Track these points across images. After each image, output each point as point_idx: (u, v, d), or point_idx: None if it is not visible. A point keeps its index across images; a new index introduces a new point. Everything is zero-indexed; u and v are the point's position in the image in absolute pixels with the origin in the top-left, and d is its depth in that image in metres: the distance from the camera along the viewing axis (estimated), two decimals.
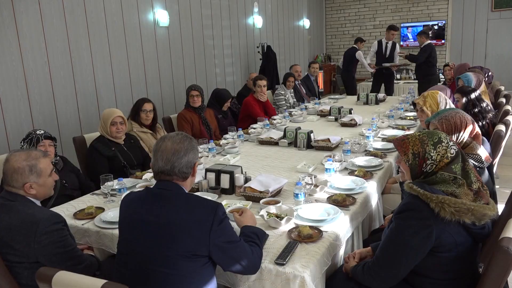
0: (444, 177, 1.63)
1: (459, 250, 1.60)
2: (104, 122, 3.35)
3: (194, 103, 4.42)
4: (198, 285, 1.59)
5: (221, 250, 1.60)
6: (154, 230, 1.58)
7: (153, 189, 1.71)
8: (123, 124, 3.39)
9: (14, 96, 4.02)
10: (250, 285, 1.79)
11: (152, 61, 5.63)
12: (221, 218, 1.62)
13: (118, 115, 3.36)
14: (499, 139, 3.00)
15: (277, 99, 6.17)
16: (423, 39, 7.21)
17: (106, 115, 3.37)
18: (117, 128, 3.34)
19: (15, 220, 1.77)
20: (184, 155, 1.68)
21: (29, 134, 2.83)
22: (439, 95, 3.06)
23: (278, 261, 1.75)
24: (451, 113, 2.30)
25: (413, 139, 1.72)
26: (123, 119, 3.40)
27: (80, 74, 4.65)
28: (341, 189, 2.52)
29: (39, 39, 4.20)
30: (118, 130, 3.35)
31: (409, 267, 1.65)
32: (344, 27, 12.05)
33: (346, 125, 4.42)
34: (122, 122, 3.37)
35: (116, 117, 3.34)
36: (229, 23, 7.28)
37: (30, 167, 1.86)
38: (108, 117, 3.34)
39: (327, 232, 1.99)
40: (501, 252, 1.43)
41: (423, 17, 11.00)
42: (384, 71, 7.77)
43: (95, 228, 2.20)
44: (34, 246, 1.74)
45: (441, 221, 1.55)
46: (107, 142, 3.34)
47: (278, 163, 3.18)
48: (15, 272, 1.77)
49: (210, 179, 2.64)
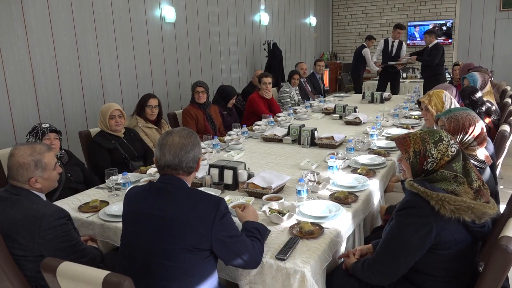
0: (445, 175, 1.65)
1: (458, 248, 1.61)
2: (103, 117, 3.42)
3: (199, 99, 4.44)
4: (199, 277, 1.61)
5: (223, 244, 1.63)
6: (157, 223, 1.61)
7: (157, 183, 1.73)
8: (122, 117, 3.46)
9: (22, 90, 4.06)
10: (251, 279, 1.81)
11: (158, 57, 5.66)
12: (223, 213, 1.64)
13: (116, 108, 3.43)
14: (503, 139, 2.99)
15: (282, 97, 6.18)
16: (432, 38, 7.07)
17: (105, 110, 3.44)
18: (116, 121, 3.41)
19: (20, 214, 1.79)
20: (191, 150, 1.70)
21: (34, 128, 2.86)
22: (444, 94, 3.06)
23: (279, 256, 1.77)
24: (462, 114, 2.30)
25: (414, 137, 1.74)
26: (121, 112, 3.46)
27: (87, 69, 4.68)
28: (343, 186, 2.53)
29: (47, 33, 4.24)
30: (117, 123, 3.41)
31: (409, 264, 1.66)
32: (351, 25, 12.01)
33: (351, 123, 4.43)
34: (120, 115, 3.44)
35: (114, 110, 3.41)
36: (236, 20, 7.29)
37: (36, 162, 1.87)
38: (106, 111, 3.41)
39: (328, 229, 2.01)
40: (500, 250, 1.44)
41: (431, 16, 10.95)
42: (390, 69, 7.73)
43: (100, 221, 2.23)
44: (38, 241, 1.76)
45: (441, 219, 1.56)
46: (107, 135, 3.41)
47: (281, 160, 3.20)
48: (20, 265, 1.79)
49: (213, 175, 2.66)
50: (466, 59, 10.34)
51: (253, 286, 1.82)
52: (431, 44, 7.09)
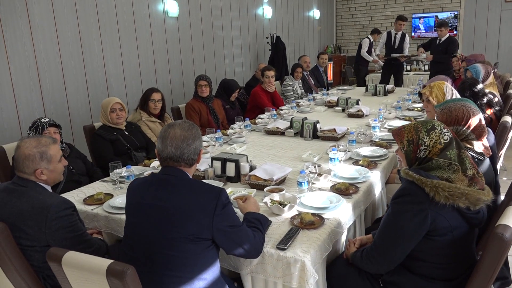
0: (440, 163, 1.68)
1: (454, 234, 1.64)
2: (104, 111, 3.48)
3: (202, 93, 4.47)
4: (201, 266, 1.65)
5: (224, 233, 1.66)
6: (159, 214, 1.64)
7: (159, 175, 1.76)
8: (123, 110, 3.51)
9: (27, 86, 4.11)
10: (252, 269, 1.85)
11: (161, 52, 5.68)
12: (224, 203, 1.67)
13: (117, 102, 3.49)
14: (504, 130, 2.99)
15: (285, 90, 6.19)
16: (446, 31, 6.70)
17: (106, 103, 3.50)
18: (117, 115, 3.47)
19: (27, 205, 1.84)
20: (193, 142, 1.74)
21: (34, 123, 2.91)
22: (446, 86, 3.06)
23: (280, 246, 1.80)
24: (456, 105, 2.27)
25: (408, 128, 1.78)
26: (122, 105, 3.52)
27: (91, 64, 4.72)
28: (344, 178, 2.56)
29: (51, 29, 4.27)
30: (118, 116, 3.47)
31: (406, 251, 1.69)
32: (355, 18, 11.95)
33: (353, 116, 4.44)
34: (121, 109, 3.50)
35: (114, 104, 3.47)
36: (239, 13, 7.30)
37: (41, 154, 1.92)
38: (107, 105, 3.47)
39: (329, 219, 2.03)
40: (496, 238, 1.47)
41: (435, 7, 10.87)
42: (393, 62, 7.69)
43: (104, 213, 2.27)
44: (45, 231, 1.81)
45: (436, 205, 1.59)
46: (108, 128, 3.48)
47: (284, 153, 3.22)
48: (27, 255, 1.84)
49: (216, 167, 2.69)
50: (471, 50, 10.27)
51: (254, 275, 1.86)
52: (444, 37, 6.73)
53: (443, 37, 6.79)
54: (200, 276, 1.64)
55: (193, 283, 1.63)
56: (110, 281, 1.39)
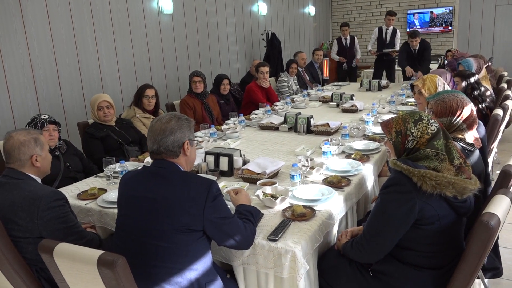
0: (427, 153, 1.70)
1: (442, 223, 1.66)
2: (92, 108, 3.47)
3: (196, 89, 4.48)
4: (192, 257, 1.67)
5: (215, 225, 1.68)
6: (151, 206, 1.66)
7: (150, 168, 1.79)
8: (110, 108, 3.48)
9: (21, 83, 4.11)
10: (244, 260, 1.87)
11: (156, 49, 5.68)
12: (215, 195, 1.68)
13: (103, 100, 3.46)
14: (495, 123, 3.02)
15: (280, 86, 6.21)
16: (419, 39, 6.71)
17: (93, 101, 3.49)
18: (104, 113, 3.44)
19: (18, 197, 1.86)
20: (170, 135, 1.74)
21: (34, 119, 2.91)
22: (438, 79, 3.09)
23: (271, 237, 1.82)
24: (450, 96, 2.30)
25: (396, 119, 1.81)
26: (109, 103, 3.48)
27: (85, 61, 4.72)
28: (337, 171, 2.58)
29: (45, 26, 4.27)
30: (106, 114, 3.45)
31: (394, 241, 1.71)
32: (350, 14, 11.95)
33: (347, 110, 4.46)
34: (108, 106, 3.47)
35: (101, 102, 3.44)
36: (234, 10, 7.29)
37: (35, 139, 2.00)
38: (94, 103, 3.46)
39: (320, 211, 2.06)
40: (482, 226, 1.49)
41: (430, 3, 10.87)
42: (385, 57, 7.74)
43: (98, 207, 2.29)
44: (37, 222, 1.82)
45: (423, 194, 1.61)
46: (99, 125, 3.47)
47: (277, 147, 3.24)
48: (20, 247, 1.85)
49: (209, 162, 2.71)
50: (466, 46, 10.30)
51: (246, 266, 1.88)
52: (417, 46, 6.73)
53: (417, 46, 6.78)
54: (191, 266, 1.66)
55: (184, 273, 1.64)
56: (101, 271, 1.40)
